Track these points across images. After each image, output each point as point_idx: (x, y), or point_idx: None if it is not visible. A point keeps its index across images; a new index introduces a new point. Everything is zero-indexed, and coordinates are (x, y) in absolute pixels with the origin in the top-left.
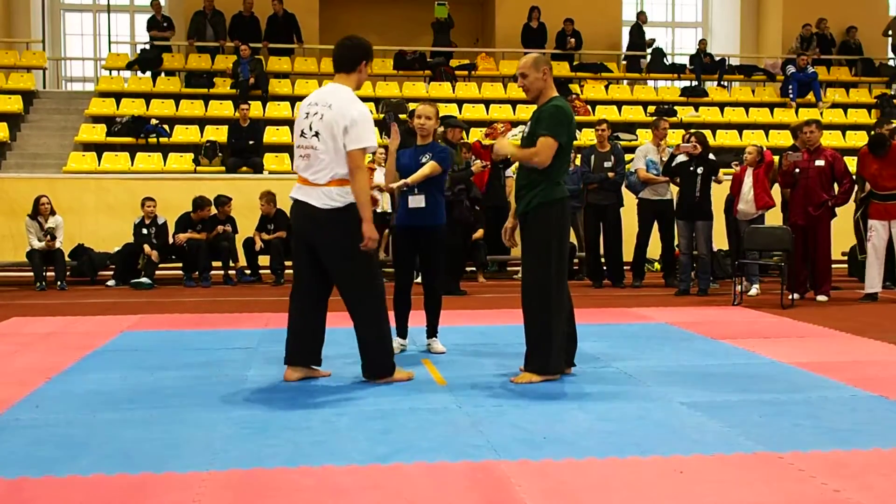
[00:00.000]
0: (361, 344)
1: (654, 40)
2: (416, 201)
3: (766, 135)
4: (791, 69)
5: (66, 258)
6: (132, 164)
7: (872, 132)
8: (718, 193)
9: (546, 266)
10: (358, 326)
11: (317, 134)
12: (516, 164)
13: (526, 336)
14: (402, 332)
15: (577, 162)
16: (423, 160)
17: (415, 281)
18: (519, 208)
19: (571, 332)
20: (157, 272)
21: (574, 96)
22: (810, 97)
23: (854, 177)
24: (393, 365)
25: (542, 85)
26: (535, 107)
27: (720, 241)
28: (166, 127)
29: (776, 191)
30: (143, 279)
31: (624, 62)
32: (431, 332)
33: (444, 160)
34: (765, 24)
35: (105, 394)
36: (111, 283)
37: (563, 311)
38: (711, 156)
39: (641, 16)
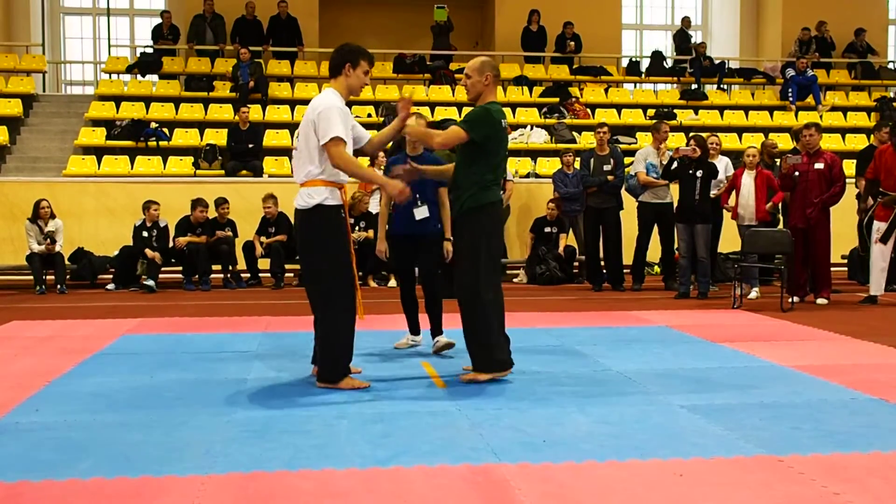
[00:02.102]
0: (316, 345)
1: (704, 44)
2: (422, 213)
3: (766, 138)
4: (790, 72)
5: (66, 262)
6: (132, 168)
7: (872, 134)
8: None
9: (475, 269)
10: (315, 328)
11: (298, 135)
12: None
13: (465, 337)
14: (414, 329)
15: (577, 165)
16: None
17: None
18: (452, 211)
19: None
20: (157, 275)
21: (574, 99)
22: (810, 100)
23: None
24: (341, 374)
25: (482, 89)
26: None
27: (726, 244)
28: (166, 130)
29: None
30: (149, 282)
31: (624, 65)
32: (436, 331)
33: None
34: (764, 27)
35: (105, 397)
36: (111, 286)
37: (498, 309)
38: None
39: (685, 20)
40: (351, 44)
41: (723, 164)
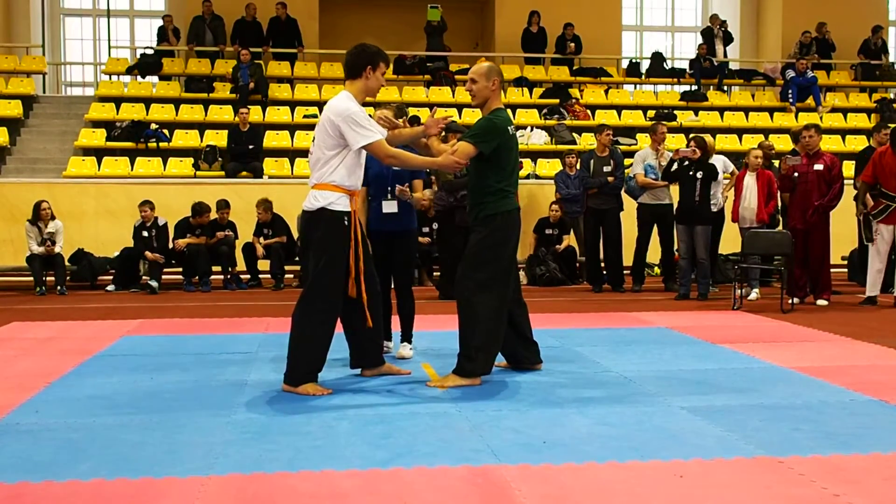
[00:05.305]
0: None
1: (704, 45)
2: (390, 206)
3: (766, 139)
4: (790, 73)
5: (66, 263)
6: (132, 169)
7: (873, 135)
8: (730, 199)
9: (472, 274)
10: (291, 325)
11: (314, 139)
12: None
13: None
14: (386, 334)
15: (577, 166)
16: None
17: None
18: (469, 218)
19: (525, 334)
20: (160, 276)
21: (574, 101)
22: (810, 101)
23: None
24: (303, 378)
25: (489, 94)
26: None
27: (727, 245)
28: (166, 132)
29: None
30: (152, 282)
31: (624, 66)
32: (405, 337)
33: (421, 172)
34: (764, 29)
35: (105, 398)
36: (111, 287)
37: (482, 319)
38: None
39: (713, 18)
40: (368, 45)
41: (720, 163)
